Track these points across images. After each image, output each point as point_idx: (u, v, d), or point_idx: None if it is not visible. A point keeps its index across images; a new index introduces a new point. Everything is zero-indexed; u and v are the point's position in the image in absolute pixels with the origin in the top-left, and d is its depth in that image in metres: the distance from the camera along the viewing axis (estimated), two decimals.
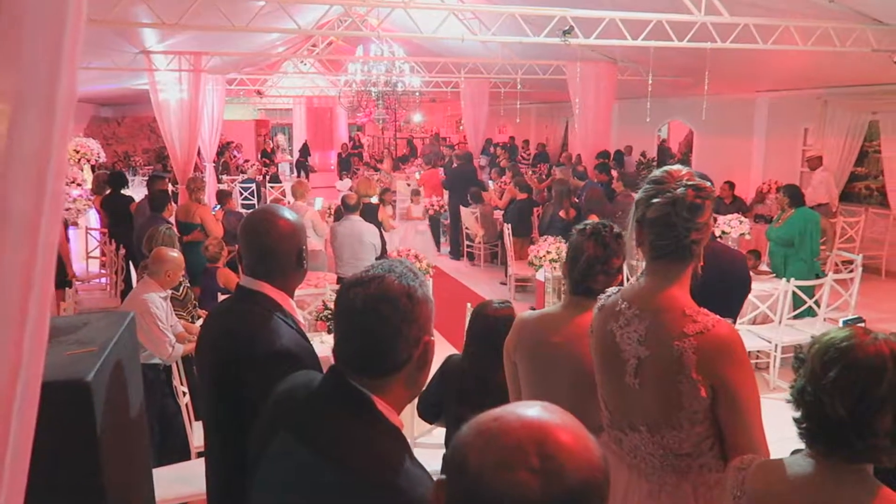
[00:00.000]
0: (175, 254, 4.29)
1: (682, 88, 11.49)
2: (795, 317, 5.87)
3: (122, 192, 8.20)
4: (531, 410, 0.86)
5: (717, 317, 1.67)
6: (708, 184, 1.70)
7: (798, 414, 1.34)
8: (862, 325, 3.61)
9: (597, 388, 2.11)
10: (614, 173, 9.13)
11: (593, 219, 6.31)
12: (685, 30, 6.67)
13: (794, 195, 6.44)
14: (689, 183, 1.69)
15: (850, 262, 7.48)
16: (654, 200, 1.70)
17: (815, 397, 1.28)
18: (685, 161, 14.65)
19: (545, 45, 8.23)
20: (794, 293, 5.64)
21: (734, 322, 2.77)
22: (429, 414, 3.05)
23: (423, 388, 1.36)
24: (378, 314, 1.22)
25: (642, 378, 1.73)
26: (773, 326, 5.72)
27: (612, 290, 1.92)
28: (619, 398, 1.81)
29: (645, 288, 1.78)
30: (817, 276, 6.07)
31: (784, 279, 5.70)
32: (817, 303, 5.77)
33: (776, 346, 5.62)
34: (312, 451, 1.22)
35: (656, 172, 1.75)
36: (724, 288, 2.11)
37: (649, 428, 1.73)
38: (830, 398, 1.26)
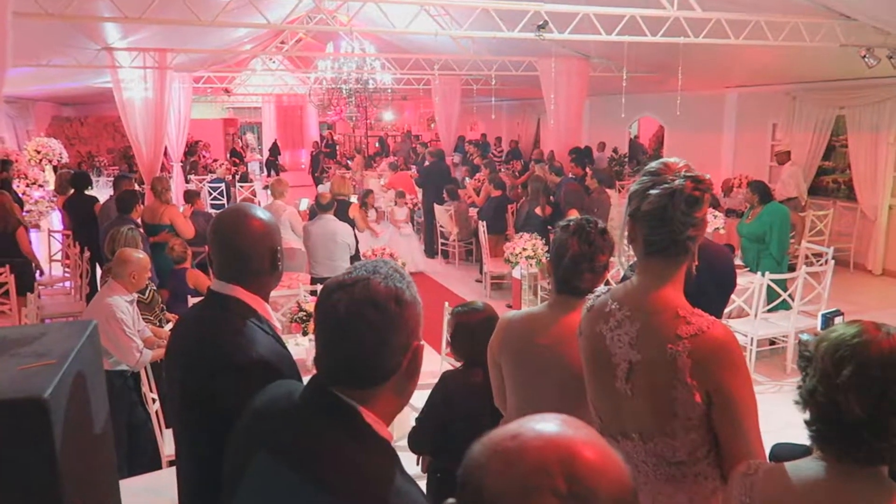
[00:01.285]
0: (140, 255, 4.13)
1: (653, 84, 11.56)
2: (770, 310, 5.91)
3: (86, 192, 7.94)
4: (551, 425, 0.77)
5: (712, 318, 1.59)
6: (707, 176, 1.63)
7: (808, 416, 1.27)
8: (840, 317, 3.63)
9: (584, 391, 2.04)
10: (588, 170, 9.13)
11: (573, 214, 6.28)
12: (658, 25, 6.67)
13: (763, 191, 6.50)
14: (689, 174, 1.60)
15: (821, 254, 7.59)
16: (651, 192, 1.60)
17: (828, 398, 1.22)
18: (657, 157, 14.76)
19: (518, 42, 8.18)
20: (768, 287, 5.69)
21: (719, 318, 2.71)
22: (423, 446, 2.94)
23: (418, 416, 1.26)
24: (364, 320, 1.12)
25: (634, 383, 1.64)
26: (748, 320, 5.75)
27: (601, 289, 1.83)
28: (610, 404, 1.72)
29: (636, 288, 1.69)
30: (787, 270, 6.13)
31: (758, 273, 5.75)
32: (791, 296, 5.82)
33: (752, 339, 5.65)
34: (295, 470, 1.12)
35: (652, 164, 1.66)
36: (713, 285, 2.06)
37: (642, 436, 1.64)
38: (846, 398, 1.19)
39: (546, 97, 10.57)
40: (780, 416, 3.45)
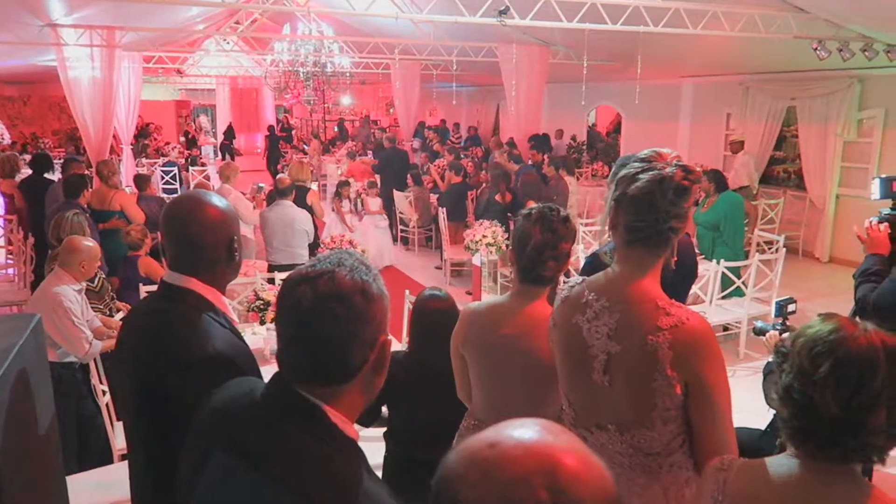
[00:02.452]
0: (90, 243, 3.97)
1: (612, 73, 11.64)
2: (724, 297, 6.05)
3: (46, 175, 7.62)
4: (530, 432, 0.73)
5: (690, 309, 1.58)
6: (698, 168, 1.61)
7: (784, 413, 1.26)
8: (794, 304, 3.70)
9: (553, 381, 2.03)
10: (545, 157, 9.16)
11: (531, 205, 6.28)
12: (619, 13, 6.70)
13: (719, 180, 6.63)
14: (680, 163, 1.59)
15: (772, 242, 7.79)
16: (640, 177, 1.58)
17: (805, 395, 1.21)
18: (614, 145, 14.92)
19: (478, 27, 8.12)
20: (722, 274, 5.81)
21: None
22: (366, 419, 2.90)
23: None
24: (329, 315, 1.07)
25: (612, 375, 1.62)
26: (703, 307, 5.86)
27: (575, 279, 1.81)
28: (586, 396, 1.70)
29: (616, 278, 1.67)
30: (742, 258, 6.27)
31: (713, 261, 5.86)
32: (744, 283, 5.95)
33: None
34: (257, 471, 1.06)
35: (643, 151, 1.63)
36: (677, 274, 2.06)
37: (618, 427, 1.63)
38: (822, 396, 1.18)
39: (506, 84, 10.55)
40: (733, 401, 3.52)
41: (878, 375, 1.16)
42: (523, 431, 0.73)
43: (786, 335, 1.29)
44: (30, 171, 7.91)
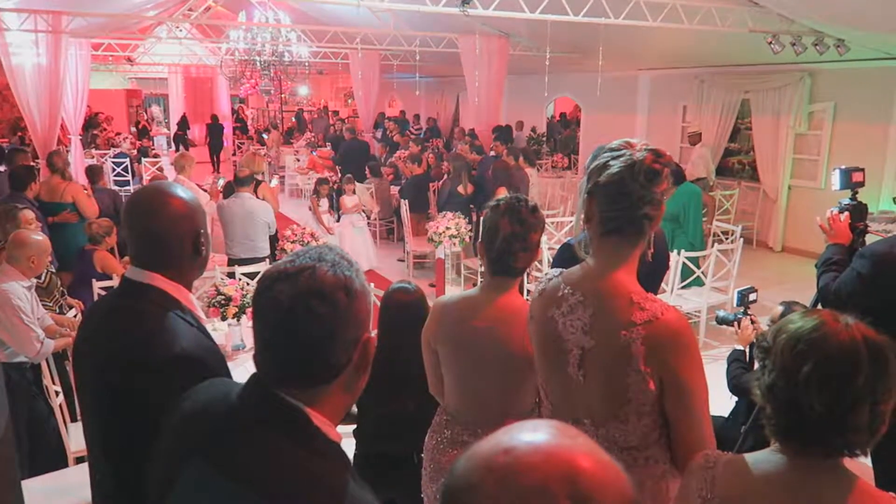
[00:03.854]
0: (39, 237, 3.80)
1: (571, 65, 11.72)
2: (684, 287, 6.15)
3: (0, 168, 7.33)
4: (546, 435, 0.69)
5: (666, 303, 1.56)
6: (668, 153, 1.60)
7: (768, 410, 1.25)
8: (755, 293, 3.77)
9: (527, 373, 2.01)
10: (503, 148, 9.15)
11: (502, 192, 6.26)
12: (580, 5, 6.72)
13: (677, 173, 6.73)
14: (650, 148, 1.57)
15: (729, 232, 7.96)
16: (611, 164, 1.56)
17: (788, 393, 1.20)
18: (573, 137, 15.05)
19: (439, 17, 8.05)
20: (682, 264, 5.91)
21: None
22: None
23: None
24: (311, 313, 1.02)
25: (587, 369, 1.60)
26: (664, 297, 5.95)
27: (552, 272, 1.78)
28: (562, 389, 1.69)
29: (590, 271, 1.64)
30: (701, 248, 6.39)
31: (674, 252, 5.95)
32: (704, 273, 6.06)
33: None
34: (235, 480, 1.01)
35: (613, 142, 1.62)
36: (650, 267, 2.05)
37: (594, 421, 1.61)
38: (807, 395, 1.17)
39: (468, 75, 10.52)
40: None
41: (860, 373, 1.15)
42: (538, 435, 0.69)
43: (766, 328, 1.28)
44: None
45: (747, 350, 3.46)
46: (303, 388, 1.05)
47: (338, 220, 8.61)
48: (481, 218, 2.18)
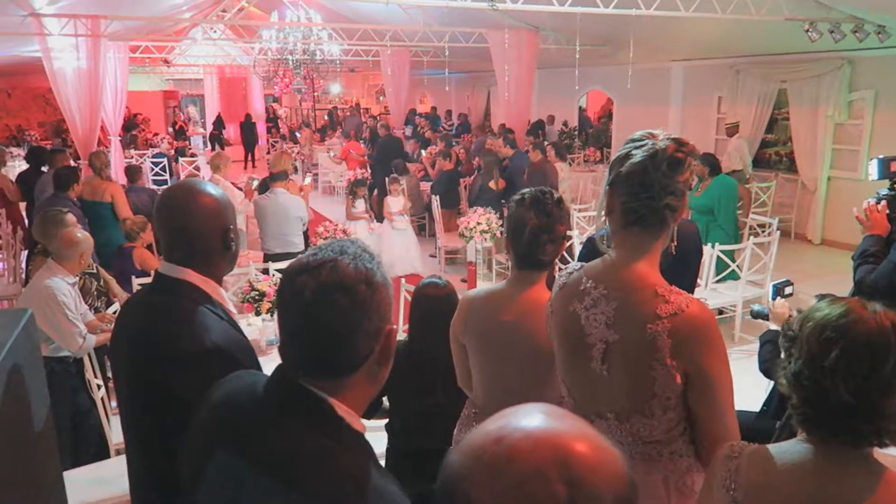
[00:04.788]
0: (85, 234, 3.94)
1: (602, 58, 11.59)
2: (718, 280, 6.05)
3: (43, 169, 7.58)
4: (536, 420, 0.69)
5: (690, 296, 1.54)
6: (691, 142, 1.58)
7: (795, 399, 1.23)
8: (791, 287, 3.69)
9: (554, 367, 2.01)
10: (529, 140, 9.08)
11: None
12: None
13: (713, 164, 6.62)
14: (673, 137, 1.56)
15: (765, 225, 7.80)
16: (633, 153, 1.55)
17: (815, 381, 1.17)
18: (605, 129, 14.89)
19: (468, 12, 8.06)
20: (717, 257, 5.81)
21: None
22: (368, 411, 2.88)
23: None
24: (333, 306, 1.04)
25: (611, 364, 1.59)
26: (699, 291, 5.86)
27: (573, 265, 1.78)
28: (584, 384, 1.68)
29: (613, 264, 1.63)
30: (736, 242, 6.28)
31: (708, 245, 5.85)
32: (739, 266, 5.96)
33: None
34: (261, 471, 1.03)
35: (636, 133, 1.61)
36: (682, 261, 2.02)
37: (618, 416, 1.61)
38: (833, 382, 1.15)
39: (497, 70, 10.48)
40: None
41: (889, 359, 1.13)
42: (528, 420, 0.69)
43: (793, 316, 1.25)
44: (25, 165, 7.91)
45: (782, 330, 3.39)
46: (326, 378, 1.08)
47: (376, 221, 8.35)
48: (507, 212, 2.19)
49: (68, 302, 3.70)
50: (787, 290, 3.68)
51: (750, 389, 3.45)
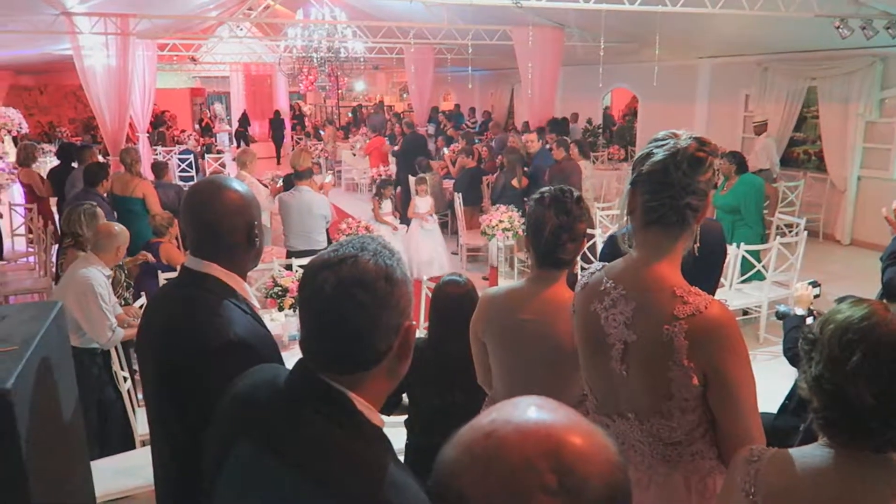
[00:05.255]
0: (122, 227, 4.04)
1: (627, 55, 11.49)
2: (744, 281, 5.98)
3: (73, 165, 7.75)
4: (527, 413, 0.69)
5: (710, 297, 1.53)
6: (715, 142, 1.57)
7: (815, 403, 1.21)
8: (818, 288, 3.64)
9: (574, 365, 2.01)
10: (549, 138, 9.02)
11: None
12: None
13: (740, 162, 6.55)
14: (695, 136, 1.56)
15: (793, 225, 7.68)
16: (654, 152, 1.55)
17: (836, 385, 1.16)
18: (629, 127, 14.76)
19: (492, 10, 8.03)
20: (742, 257, 5.74)
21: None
22: (387, 408, 2.90)
23: None
24: (353, 301, 1.05)
25: (629, 364, 1.59)
26: (723, 291, 5.80)
27: (595, 266, 1.78)
28: (605, 384, 1.68)
29: (633, 264, 1.63)
30: (762, 241, 6.20)
31: (733, 245, 5.78)
32: (765, 267, 5.88)
33: None
34: (281, 460, 1.05)
35: (660, 133, 1.61)
36: (706, 262, 2.00)
37: (638, 416, 1.60)
38: (855, 386, 1.13)
39: (521, 67, 10.44)
40: None
41: None
42: (518, 413, 0.69)
43: (811, 320, 1.23)
44: (57, 162, 8.08)
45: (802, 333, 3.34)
46: (346, 373, 1.09)
47: (403, 223, 8.26)
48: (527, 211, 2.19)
49: (104, 293, 3.79)
50: (815, 290, 3.63)
51: (776, 391, 3.41)
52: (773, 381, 3.80)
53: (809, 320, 3.28)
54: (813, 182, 9.88)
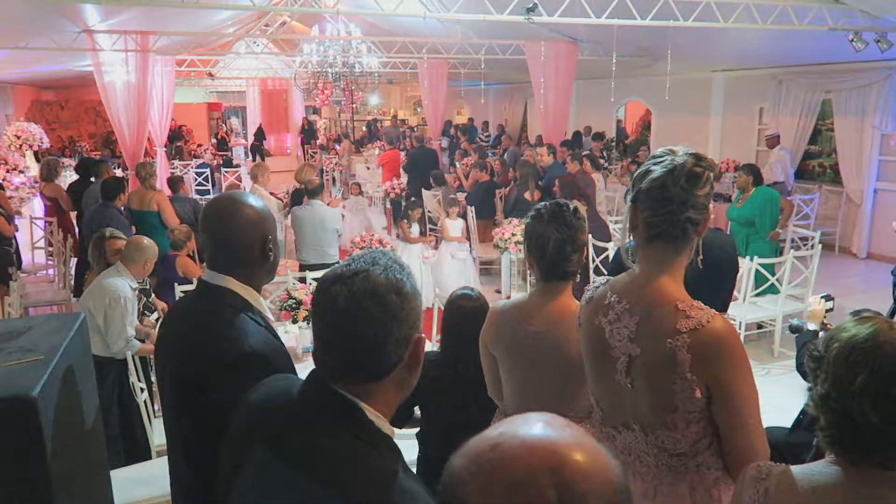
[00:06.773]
0: (151, 242, 4.13)
1: (640, 68, 11.51)
2: (758, 294, 5.95)
3: (93, 180, 7.90)
4: (534, 429, 0.72)
5: (712, 311, 1.56)
6: (711, 158, 1.61)
7: (822, 422, 1.22)
8: (831, 302, 3.62)
9: (583, 376, 2.03)
10: (561, 150, 9.05)
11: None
12: (648, 8, 6.62)
13: (757, 174, 6.55)
14: (691, 152, 1.59)
15: (807, 238, 7.63)
16: (653, 169, 1.58)
17: (843, 404, 1.17)
18: (643, 140, 14.76)
19: (505, 24, 8.10)
20: (756, 271, 5.72)
21: (725, 310, 2.70)
22: (399, 420, 2.92)
23: None
24: (365, 314, 1.09)
25: (634, 377, 1.62)
26: (736, 304, 5.77)
27: (600, 280, 1.81)
28: (611, 396, 1.71)
29: (636, 279, 1.66)
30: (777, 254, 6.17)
31: (747, 258, 5.76)
32: (779, 280, 5.85)
33: (740, 323, 5.69)
34: (294, 468, 1.09)
35: (657, 150, 1.65)
36: (716, 276, 2.01)
37: (643, 427, 1.63)
38: (860, 405, 1.14)
39: (535, 81, 10.50)
40: (768, 400, 3.46)
41: None
42: (526, 429, 0.71)
43: (819, 336, 1.24)
44: (75, 176, 8.22)
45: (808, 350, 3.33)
46: (358, 383, 1.13)
47: (435, 248, 7.91)
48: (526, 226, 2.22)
49: (128, 305, 3.86)
50: (828, 304, 3.61)
51: (791, 405, 3.39)
52: (788, 395, 3.77)
53: (822, 335, 3.27)
54: (828, 195, 9.83)
